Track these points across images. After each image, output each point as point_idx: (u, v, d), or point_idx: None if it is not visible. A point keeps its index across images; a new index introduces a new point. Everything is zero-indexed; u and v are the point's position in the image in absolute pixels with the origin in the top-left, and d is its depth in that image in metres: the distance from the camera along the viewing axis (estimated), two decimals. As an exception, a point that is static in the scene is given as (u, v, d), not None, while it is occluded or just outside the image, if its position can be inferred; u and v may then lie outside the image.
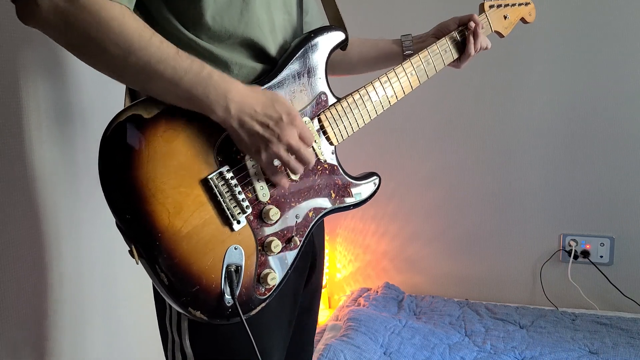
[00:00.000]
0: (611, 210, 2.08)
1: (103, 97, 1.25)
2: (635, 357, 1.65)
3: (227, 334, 0.84)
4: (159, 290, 0.76)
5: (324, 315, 2.30)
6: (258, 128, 0.75)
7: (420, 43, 1.08)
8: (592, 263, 2.10)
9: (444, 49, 1.05)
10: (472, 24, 1.05)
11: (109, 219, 0.73)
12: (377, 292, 2.23)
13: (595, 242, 2.10)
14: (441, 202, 2.27)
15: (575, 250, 2.11)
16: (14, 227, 1.04)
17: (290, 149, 0.78)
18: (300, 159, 0.80)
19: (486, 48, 1.09)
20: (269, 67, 0.85)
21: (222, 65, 0.81)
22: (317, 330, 1.94)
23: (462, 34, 1.07)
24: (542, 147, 2.12)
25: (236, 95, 0.74)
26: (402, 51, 1.10)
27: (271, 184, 0.82)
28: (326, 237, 1.06)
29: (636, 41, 1.98)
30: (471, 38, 1.05)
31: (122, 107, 0.86)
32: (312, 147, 0.86)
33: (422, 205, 2.30)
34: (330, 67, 0.93)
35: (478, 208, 2.23)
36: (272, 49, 0.86)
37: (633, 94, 2.00)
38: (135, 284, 1.39)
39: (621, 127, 2.03)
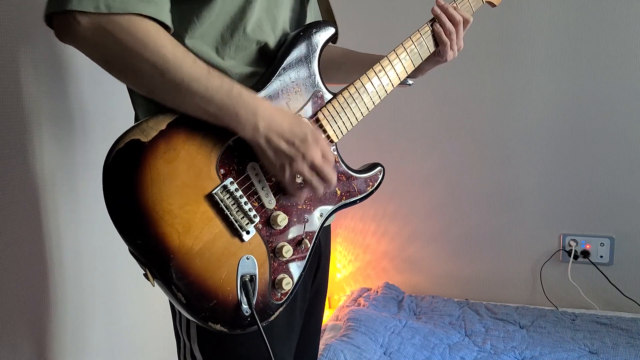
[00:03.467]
0: (611, 210, 2.07)
1: (103, 98, 1.25)
2: (635, 357, 1.65)
3: (236, 340, 0.84)
4: (177, 308, 0.76)
5: (324, 315, 2.30)
6: (284, 146, 0.77)
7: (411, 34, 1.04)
8: (592, 263, 2.10)
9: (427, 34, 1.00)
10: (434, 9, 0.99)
11: (109, 218, 0.73)
12: (377, 292, 2.23)
13: (595, 242, 2.10)
14: (441, 202, 2.27)
15: (575, 250, 2.11)
16: (15, 226, 1.04)
17: (314, 167, 0.80)
18: (323, 177, 0.81)
19: (466, 22, 1.00)
20: (265, 69, 0.85)
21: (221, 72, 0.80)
22: (317, 330, 1.94)
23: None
24: (542, 147, 2.12)
25: (264, 114, 0.76)
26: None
27: (275, 190, 0.82)
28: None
29: (636, 41, 1.98)
30: (437, 28, 0.98)
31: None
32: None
33: (422, 205, 2.30)
34: (327, 75, 0.92)
35: (478, 208, 2.23)
36: (276, 49, 0.85)
37: (633, 93, 2.00)
38: (136, 283, 1.39)
39: (621, 127, 2.03)
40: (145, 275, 0.74)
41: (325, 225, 0.93)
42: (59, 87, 1.15)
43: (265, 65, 0.85)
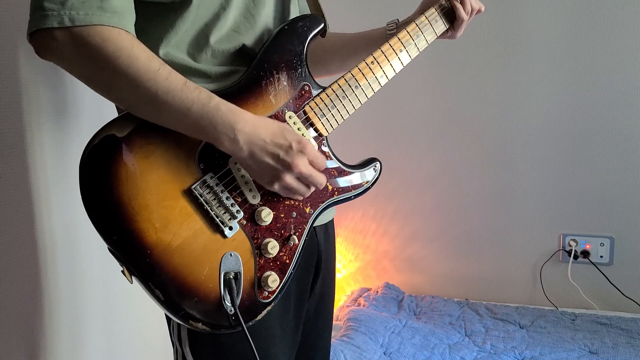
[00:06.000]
0: (611, 210, 2.08)
1: (101, 98, 1.25)
2: (635, 357, 1.65)
3: (228, 341, 0.83)
4: (158, 306, 0.75)
5: (324, 315, 2.30)
6: (268, 160, 0.74)
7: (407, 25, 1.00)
8: (592, 263, 2.10)
9: (433, 19, 0.96)
10: None
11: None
12: (377, 292, 2.23)
13: (595, 242, 2.10)
14: (441, 202, 2.27)
15: (575, 250, 2.11)
16: (15, 226, 1.04)
17: (301, 177, 0.77)
18: (311, 184, 0.79)
19: (479, 11, 0.99)
20: (246, 66, 0.83)
21: (200, 75, 0.80)
22: (317, 330, 1.94)
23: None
24: (542, 147, 2.13)
25: (245, 126, 0.73)
26: (386, 34, 1.02)
27: (260, 185, 0.80)
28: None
29: (636, 41, 1.98)
30: (457, 4, 0.96)
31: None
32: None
33: (422, 205, 2.30)
34: (322, 66, 0.90)
35: (478, 208, 2.23)
36: (256, 47, 0.84)
37: (633, 93, 2.01)
38: (134, 285, 1.38)
39: (621, 127, 2.03)
40: (123, 272, 0.74)
41: (321, 223, 0.91)
42: (60, 87, 1.15)
43: (247, 62, 0.83)
